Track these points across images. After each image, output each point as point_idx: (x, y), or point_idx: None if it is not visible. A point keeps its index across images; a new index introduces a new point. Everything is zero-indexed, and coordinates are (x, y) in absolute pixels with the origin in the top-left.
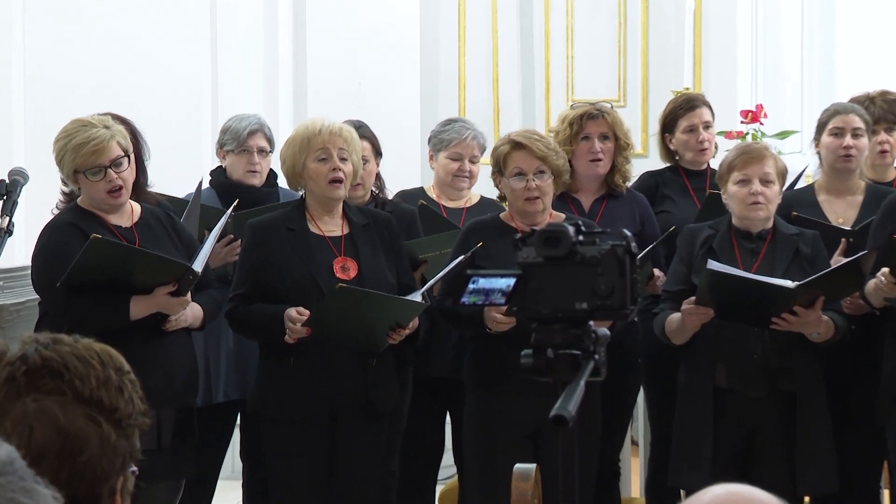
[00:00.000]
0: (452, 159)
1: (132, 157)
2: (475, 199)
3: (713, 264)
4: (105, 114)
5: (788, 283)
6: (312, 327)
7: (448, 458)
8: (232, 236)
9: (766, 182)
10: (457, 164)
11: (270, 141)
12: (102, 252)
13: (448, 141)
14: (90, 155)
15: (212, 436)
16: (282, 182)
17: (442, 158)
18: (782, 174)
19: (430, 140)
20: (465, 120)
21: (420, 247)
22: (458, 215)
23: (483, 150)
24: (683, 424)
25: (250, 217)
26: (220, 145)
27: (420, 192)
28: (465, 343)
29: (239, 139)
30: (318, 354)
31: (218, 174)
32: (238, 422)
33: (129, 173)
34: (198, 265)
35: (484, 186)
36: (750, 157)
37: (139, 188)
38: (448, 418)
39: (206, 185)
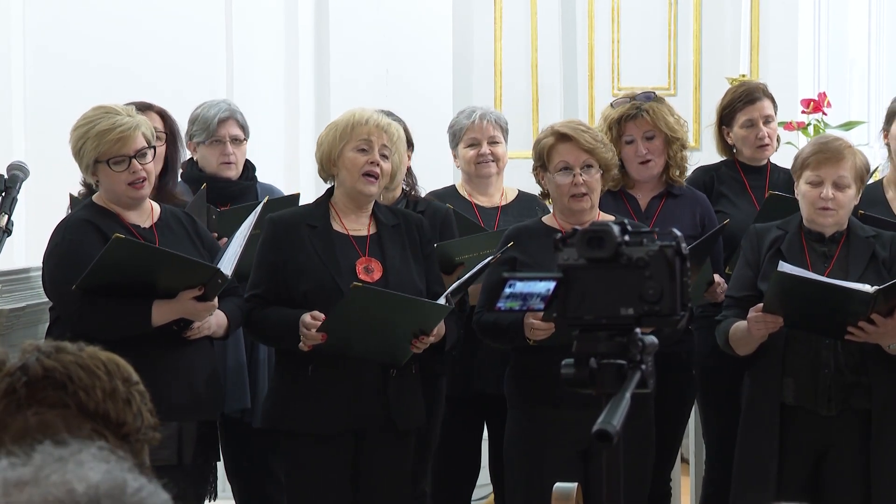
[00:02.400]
0: (470, 146)
1: (156, 149)
2: (512, 195)
3: (785, 266)
4: (141, 103)
5: (867, 288)
6: (329, 333)
7: (483, 477)
8: (216, 234)
9: (839, 186)
10: (475, 150)
11: (244, 128)
12: (125, 252)
13: (459, 130)
14: (114, 143)
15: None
16: (260, 175)
17: (461, 150)
18: (861, 175)
19: (449, 141)
20: (475, 105)
21: (457, 248)
22: (493, 215)
23: (504, 131)
24: (747, 443)
25: (269, 212)
26: (189, 137)
27: (451, 191)
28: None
29: (209, 129)
30: (339, 363)
31: (190, 167)
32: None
33: (152, 166)
34: (226, 267)
35: (524, 183)
36: (825, 156)
37: (167, 192)
38: (486, 434)
39: (179, 178)
